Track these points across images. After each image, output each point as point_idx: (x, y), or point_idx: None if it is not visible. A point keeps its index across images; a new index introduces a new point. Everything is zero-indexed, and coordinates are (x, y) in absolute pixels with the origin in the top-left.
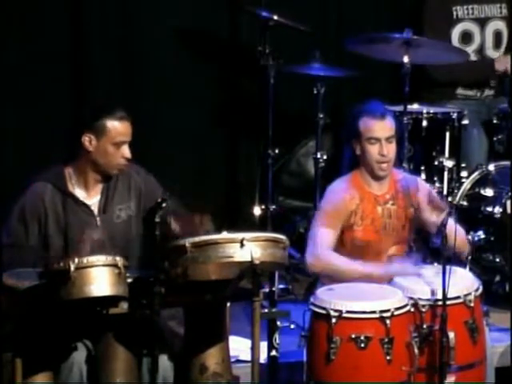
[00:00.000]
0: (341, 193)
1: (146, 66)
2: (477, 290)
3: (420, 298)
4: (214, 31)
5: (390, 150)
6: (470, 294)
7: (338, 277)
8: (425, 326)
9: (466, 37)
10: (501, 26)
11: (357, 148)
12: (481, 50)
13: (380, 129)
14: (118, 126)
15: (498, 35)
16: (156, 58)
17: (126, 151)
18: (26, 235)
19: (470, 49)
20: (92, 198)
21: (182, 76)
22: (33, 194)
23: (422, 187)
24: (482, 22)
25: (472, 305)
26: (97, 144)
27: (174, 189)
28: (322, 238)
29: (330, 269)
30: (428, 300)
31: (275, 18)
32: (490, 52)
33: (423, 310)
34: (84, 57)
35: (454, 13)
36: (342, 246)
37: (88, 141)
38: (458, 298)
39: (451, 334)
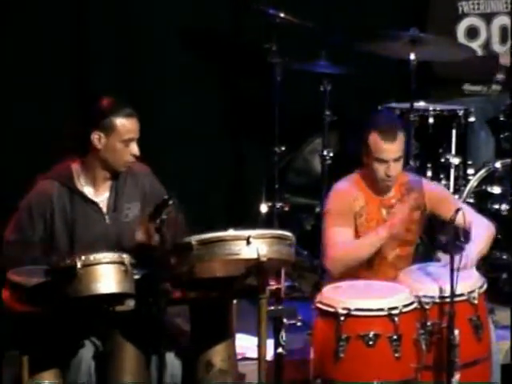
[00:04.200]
0: (344, 195)
1: (151, 64)
2: (481, 287)
3: (425, 296)
4: (221, 29)
5: (397, 169)
6: (473, 291)
7: (360, 261)
8: (429, 324)
9: (472, 32)
10: (506, 21)
11: (364, 155)
12: (487, 45)
13: (389, 151)
14: (126, 123)
15: (503, 30)
16: (161, 56)
17: (134, 148)
18: (33, 232)
19: (476, 44)
20: (100, 196)
21: (189, 74)
22: (40, 192)
23: (429, 186)
24: (488, 17)
25: (476, 302)
26: (106, 141)
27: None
28: (335, 237)
29: (349, 259)
30: (432, 297)
31: (281, 15)
32: (497, 47)
33: (427, 307)
34: (87, 56)
35: (460, 8)
36: None
37: (97, 139)
38: (462, 295)
39: (456, 331)
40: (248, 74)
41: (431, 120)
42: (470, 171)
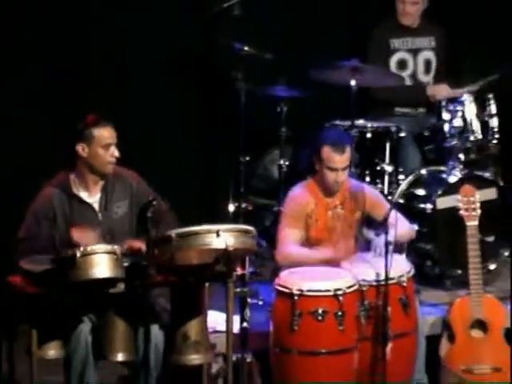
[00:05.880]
0: (298, 199)
1: (136, 87)
2: (409, 272)
3: (364, 280)
4: (194, 58)
5: (344, 176)
6: (403, 275)
7: (302, 265)
8: (366, 302)
9: (402, 64)
10: (430, 55)
11: (316, 164)
12: (414, 75)
13: (339, 161)
14: (102, 132)
15: (427, 63)
16: (146, 80)
17: (113, 151)
18: (39, 231)
19: (405, 74)
20: (93, 197)
21: (168, 94)
22: (43, 198)
23: (369, 192)
24: (415, 52)
25: (405, 284)
26: (89, 150)
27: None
28: (286, 237)
29: (295, 261)
30: (369, 281)
31: (246, 48)
32: (422, 77)
33: (365, 289)
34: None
35: (392, 45)
36: (302, 242)
37: (81, 149)
38: (393, 278)
39: (388, 308)
40: (219, 98)
41: (369, 135)
42: (401, 177)
